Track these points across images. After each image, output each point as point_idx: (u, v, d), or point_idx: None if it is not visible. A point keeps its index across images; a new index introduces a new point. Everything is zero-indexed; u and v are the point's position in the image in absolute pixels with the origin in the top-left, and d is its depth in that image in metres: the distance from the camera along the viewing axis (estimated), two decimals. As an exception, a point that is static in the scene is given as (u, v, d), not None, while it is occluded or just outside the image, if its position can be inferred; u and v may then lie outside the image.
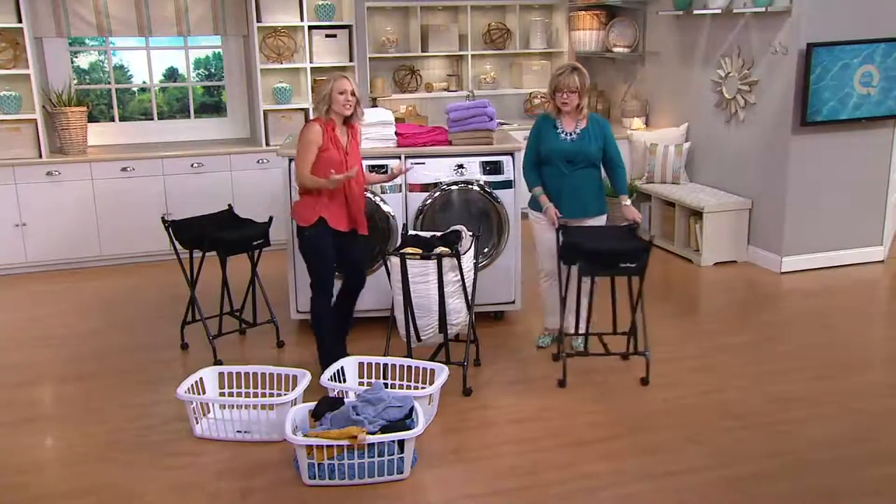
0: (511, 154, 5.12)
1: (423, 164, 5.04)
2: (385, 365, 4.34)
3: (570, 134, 4.58)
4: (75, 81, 7.13)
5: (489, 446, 3.87)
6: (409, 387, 4.28)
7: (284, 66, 7.26)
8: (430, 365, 4.26)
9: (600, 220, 4.71)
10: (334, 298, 4.57)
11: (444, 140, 5.21)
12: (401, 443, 3.56)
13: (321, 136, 4.26)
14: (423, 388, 4.16)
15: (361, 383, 4.25)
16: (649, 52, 7.71)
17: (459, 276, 4.37)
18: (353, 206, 4.40)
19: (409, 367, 4.32)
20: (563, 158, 4.57)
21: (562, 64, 4.68)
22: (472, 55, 8.14)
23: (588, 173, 4.62)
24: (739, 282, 6.23)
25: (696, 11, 6.73)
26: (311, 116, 5.01)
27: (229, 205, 5.36)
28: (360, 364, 4.37)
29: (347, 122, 4.39)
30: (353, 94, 4.26)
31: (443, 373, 4.12)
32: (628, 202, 4.69)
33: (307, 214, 4.35)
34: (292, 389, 4.03)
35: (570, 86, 4.48)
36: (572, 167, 4.58)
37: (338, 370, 4.23)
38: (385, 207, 5.01)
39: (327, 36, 7.28)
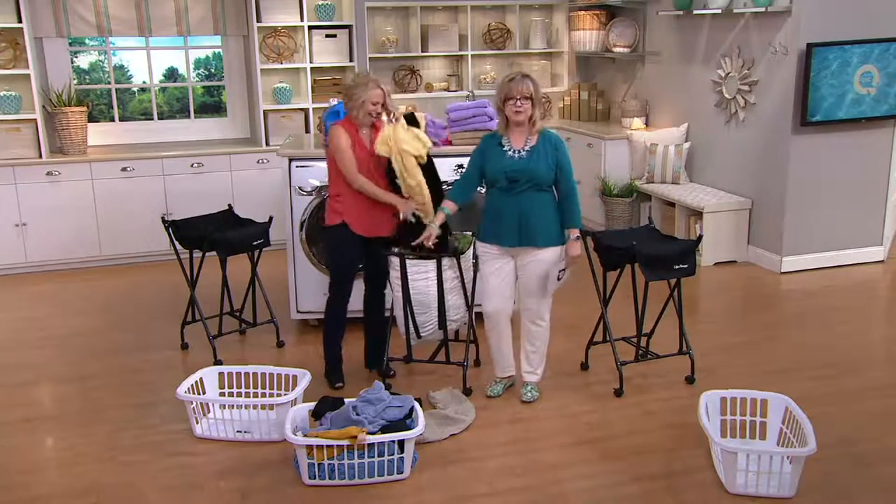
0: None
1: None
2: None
3: (518, 152, 4.02)
4: (75, 81, 7.13)
5: (489, 446, 3.87)
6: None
7: (284, 66, 7.26)
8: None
9: (551, 253, 4.10)
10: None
11: (445, 140, 5.21)
12: (401, 443, 3.56)
13: (348, 138, 4.26)
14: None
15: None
16: (649, 52, 7.71)
17: (458, 274, 4.37)
18: (377, 208, 4.34)
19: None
20: (506, 179, 4.02)
21: (509, 72, 4.12)
22: (472, 55, 8.14)
23: (535, 197, 4.04)
24: (739, 282, 6.24)
25: (696, 11, 6.73)
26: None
27: (229, 205, 5.37)
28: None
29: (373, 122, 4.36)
30: (382, 104, 4.26)
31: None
32: (575, 237, 4.08)
33: (331, 215, 4.38)
34: (292, 389, 4.04)
35: (522, 91, 3.94)
36: (516, 189, 4.02)
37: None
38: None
39: (327, 36, 7.28)
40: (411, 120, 4.36)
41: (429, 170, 4.31)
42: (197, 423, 4.00)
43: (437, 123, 4.98)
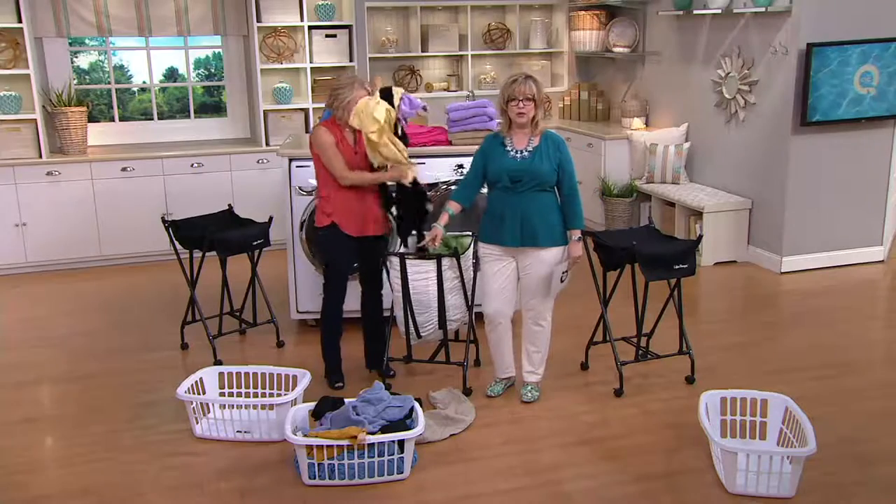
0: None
1: (423, 163, 5.04)
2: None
3: (521, 152, 4.04)
4: (75, 81, 7.13)
5: (489, 446, 3.87)
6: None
7: (284, 66, 7.26)
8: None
9: (553, 254, 4.10)
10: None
11: (444, 140, 5.22)
12: (401, 443, 3.56)
13: (332, 136, 4.27)
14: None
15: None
16: (649, 52, 7.71)
17: (458, 274, 4.37)
18: (365, 206, 4.37)
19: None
20: (509, 179, 4.04)
21: (512, 73, 4.20)
22: (472, 55, 8.14)
23: (537, 197, 4.06)
24: (739, 282, 6.24)
25: (696, 11, 6.73)
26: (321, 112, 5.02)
27: (229, 205, 5.37)
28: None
29: None
30: None
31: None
32: (577, 237, 4.10)
33: (321, 217, 4.38)
34: (292, 389, 4.04)
35: (525, 92, 3.96)
36: (519, 189, 4.04)
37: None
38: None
39: (327, 36, 7.28)
40: (387, 95, 4.36)
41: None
42: (197, 423, 4.00)
43: (414, 102, 4.97)
